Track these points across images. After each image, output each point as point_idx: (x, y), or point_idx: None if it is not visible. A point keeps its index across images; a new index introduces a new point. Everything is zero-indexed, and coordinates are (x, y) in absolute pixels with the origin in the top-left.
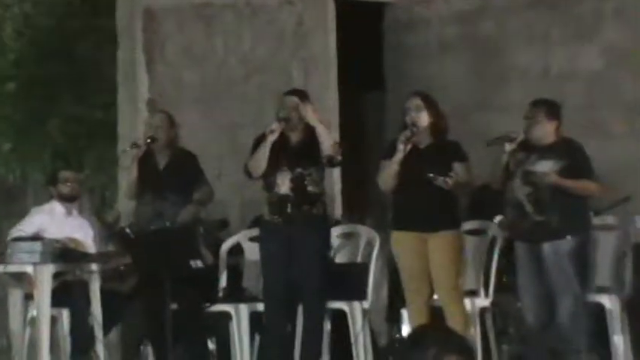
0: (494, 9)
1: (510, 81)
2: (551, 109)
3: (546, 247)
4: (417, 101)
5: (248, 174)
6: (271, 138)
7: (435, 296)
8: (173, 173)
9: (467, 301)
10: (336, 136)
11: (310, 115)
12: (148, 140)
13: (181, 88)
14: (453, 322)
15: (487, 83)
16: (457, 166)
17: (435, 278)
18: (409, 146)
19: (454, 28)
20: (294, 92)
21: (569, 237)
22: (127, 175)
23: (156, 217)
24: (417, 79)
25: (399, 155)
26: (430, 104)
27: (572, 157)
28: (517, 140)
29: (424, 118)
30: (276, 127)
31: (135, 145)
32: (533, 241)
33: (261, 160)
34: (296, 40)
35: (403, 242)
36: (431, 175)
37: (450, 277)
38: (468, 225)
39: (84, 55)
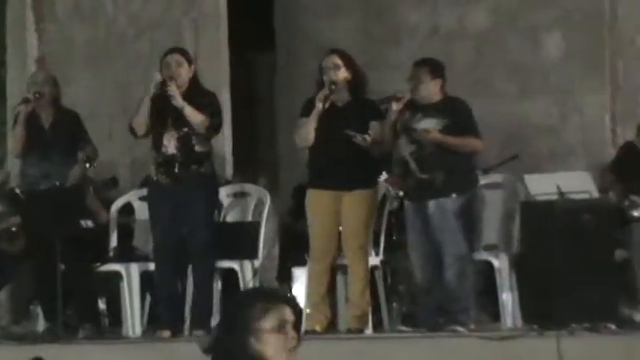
0: None
1: (400, 40)
2: (435, 68)
3: (431, 205)
4: (335, 59)
5: (133, 132)
6: (156, 89)
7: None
8: (58, 133)
9: None
10: (227, 98)
11: (176, 97)
12: (36, 95)
13: (71, 46)
14: (356, 280)
15: (378, 42)
16: (375, 124)
17: (345, 237)
18: (327, 104)
19: None
20: (176, 50)
21: (454, 195)
22: (14, 133)
23: (43, 177)
24: (308, 38)
25: (315, 113)
26: (348, 62)
27: (456, 114)
28: (404, 100)
29: (342, 76)
30: (158, 78)
31: (26, 100)
32: (418, 199)
33: (143, 115)
34: (186, 0)
35: (318, 200)
36: (350, 132)
37: (361, 236)
38: None
39: None
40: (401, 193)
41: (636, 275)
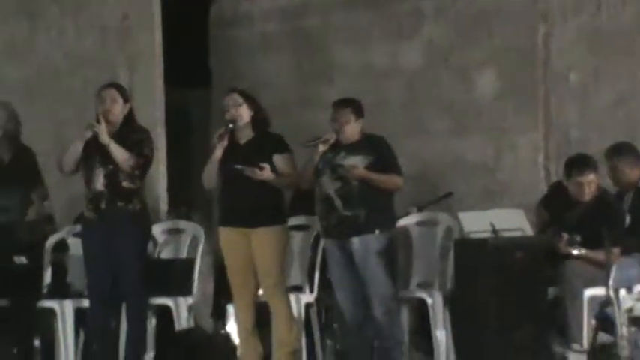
0: (317, 5)
1: (333, 78)
2: (358, 107)
3: (355, 241)
4: (235, 97)
5: (60, 168)
6: (87, 135)
7: (261, 292)
8: (17, 169)
9: (292, 297)
10: (162, 135)
11: (102, 135)
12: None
13: (4, 82)
14: (279, 317)
15: (310, 79)
16: (276, 158)
17: (259, 274)
18: (225, 142)
19: (277, 23)
20: (112, 85)
21: (377, 231)
22: None
23: (2, 211)
24: (242, 75)
25: (216, 153)
26: (248, 98)
27: (378, 152)
28: (331, 141)
29: (245, 113)
30: (98, 125)
31: None
32: (342, 237)
33: (72, 155)
34: (121, 35)
35: (227, 238)
36: (238, 167)
37: (273, 272)
38: (293, 221)
39: None
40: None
41: (567, 312)
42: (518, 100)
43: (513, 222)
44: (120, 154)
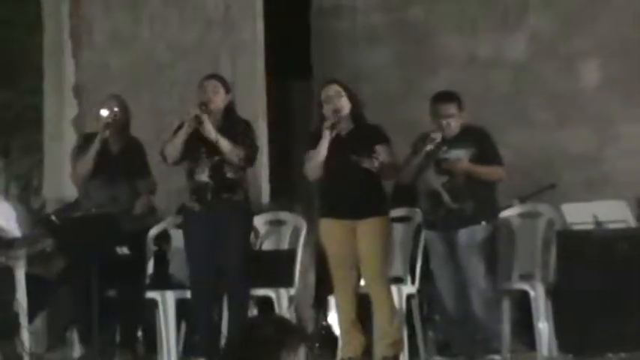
0: None
1: (437, 69)
2: (460, 101)
3: (462, 233)
4: (337, 88)
5: (164, 158)
6: (187, 125)
7: (362, 283)
8: (126, 160)
9: (393, 288)
10: (263, 126)
11: (210, 131)
12: (110, 121)
13: (108, 73)
14: (380, 309)
15: (414, 71)
16: (379, 148)
17: (362, 265)
18: (334, 133)
19: (381, 15)
20: (213, 76)
21: (483, 223)
22: (84, 157)
23: (110, 201)
24: (345, 66)
25: (325, 142)
26: (348, 90)
27: (480, 143)
28: (438, 140)
29: (346, 104)
30: (195, 112)
31: (107, 124)
32: (449, 229)
33: (176, 145)
34: (223, 27)
35: (331, 230)
36: (355, 157)
37: (378, 264)
38: (395, 212)
39: (9, 39)
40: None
41: None
42: (623, 91)
43: (617, 213)
44: (227, 146)
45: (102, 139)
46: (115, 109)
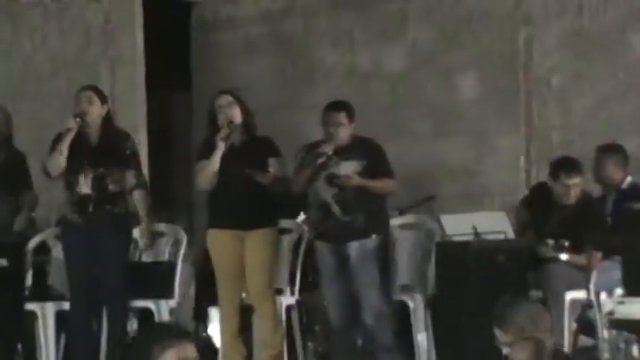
0: (300, 8)
1: (316, 81)
2: (351, 111)
3: (352, 246)
4: (229, 98)
5: (46, 173)
6: (69, 136)
7: (244, 295)
8: (7, 173)
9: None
10: (143, 137)
11: None
12: None
13: None
14: (264, 320)
15: (293, 83)
16: (272, 161)
17: (249, 277)
18: (228, 143)
19: (260, 27)
20: (89, 87)
21: (374, 236)
22: None
23: None
24: (224, 78)
25: (219, 153)
26: (240, 101)
27: (371, 155)
28: (330, 151)
29: (238, 115)
30: (72, 124)
31: None
32: (339, 242)
33: (58, 158)
34: (103, 38)
35: (219, 241)
36: (249, 171)
37: (265, 276)
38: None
39: None
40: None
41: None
42: (500, 103)
43: (495, 225)
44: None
45: None
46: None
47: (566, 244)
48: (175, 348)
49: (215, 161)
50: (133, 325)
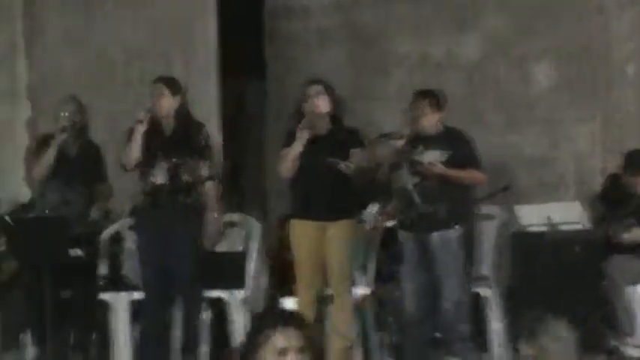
0: None
1: (390, 70)
2: (436, 99)
3: (435, 236)
4: (318, 87)
5: (122, 166)
6: (140, 128)
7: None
8: (83, 163)
9: None
10: (217, 126)
11: None
12: (71, 124)
13: (61, 73)
14: (341, 311)
15: (367, 72)
16: (355, 152)
17: (330, 268)
18: (311, 132)
19: (334, 16)
20: (160, 79)
21: (456, 226)
22: (40, 158)
23: (64, 204)
24: (298, 67)
25: (300, 142)
26: (329, 91)
27: (458, 146)
28: (404, 137)
29: (325, 105)
30: (143, 116)
31: (65, 128)
32: (420, 231)
33: (133, 151)
34: (176, 27)
35: (302, 231)
36: (331, 160)
37: (346, 267)
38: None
39: None
40: (389, 224)
41: (616, 307)
42: (575, 92)
43: (571, 215)
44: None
45: (59, 142)
46: (73, 112)
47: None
48: (278, 336)
49: (295, 150)
50: (207, 315)
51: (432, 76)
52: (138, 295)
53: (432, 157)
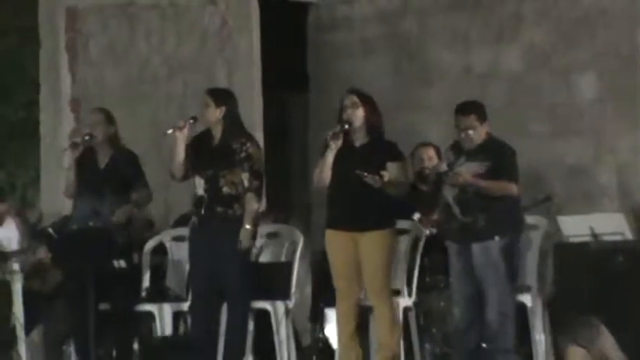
0: (416, 9)
1: (432, 80)
2: (481, 112)
3: (475, 248)
4: (354, 98)
5: (172, 176)
6: (180, 136)
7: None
8: (112, 173)
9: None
10: (260, 138)
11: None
12: (86, 138)
13: (104, 87)
14: (381, 321)
15: (409, 83)
16: (390, 166)
17: (365, 278)
18: (339, 142)
19: (377, 27)
20: (206, 91)
21: (497, 238)
22: (66, 175)
23: (94, 215)
24: (341, 79)
25: (329, 152)
26: (366, 101)
27: (497, 158)
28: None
29: (359, 116)
30: (182, 123)
31: (74, 144)
32: (461, 242)
33: (177, 159)
34: (220, 40)
35: (334, 241)
36: (360, 172)
37: (380, 277)
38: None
39: (5, 54)
40: (427, 232)
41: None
42: (619, 103)
43: (614, 226)
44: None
45: (70, 160)
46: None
47: None
48: None
49: (325, 160)
50: (251, 326)
51: (475, 87)
52: (182, 307)
53: (470, 169)
